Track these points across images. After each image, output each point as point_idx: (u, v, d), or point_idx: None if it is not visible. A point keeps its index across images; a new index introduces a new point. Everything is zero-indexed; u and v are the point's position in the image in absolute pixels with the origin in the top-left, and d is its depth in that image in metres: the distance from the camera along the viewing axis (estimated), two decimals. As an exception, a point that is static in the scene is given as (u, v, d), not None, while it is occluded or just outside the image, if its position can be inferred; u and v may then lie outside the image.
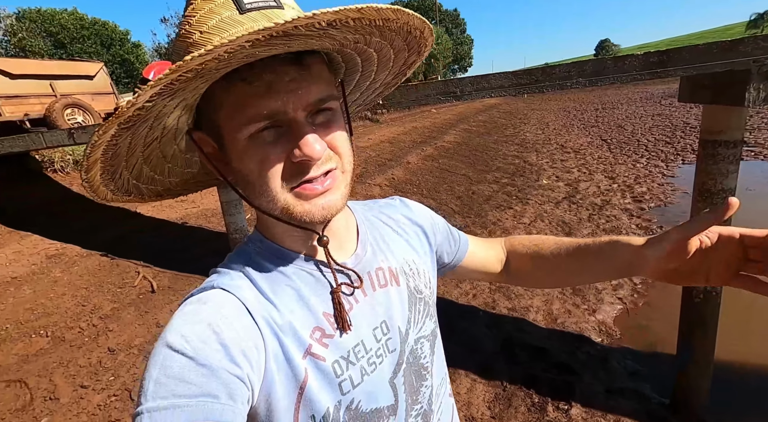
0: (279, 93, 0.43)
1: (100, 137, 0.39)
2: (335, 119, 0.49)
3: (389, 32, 0.46)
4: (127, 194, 0.54)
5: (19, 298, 3.20)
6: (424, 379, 0.62)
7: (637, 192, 6.09)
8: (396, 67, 0.59)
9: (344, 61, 0.54)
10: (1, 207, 4.65)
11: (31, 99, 5.65)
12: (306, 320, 0.50)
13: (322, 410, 0.49)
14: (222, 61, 0.36)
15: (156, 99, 0.37)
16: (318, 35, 0.39)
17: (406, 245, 0.68)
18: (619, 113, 16.40)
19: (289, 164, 0.45)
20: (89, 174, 0.44)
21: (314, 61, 0.46)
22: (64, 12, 26.41)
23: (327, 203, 0.48)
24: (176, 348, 0.41)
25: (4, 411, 2.29)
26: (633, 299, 3.44)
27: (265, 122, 0.44)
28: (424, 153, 8.94)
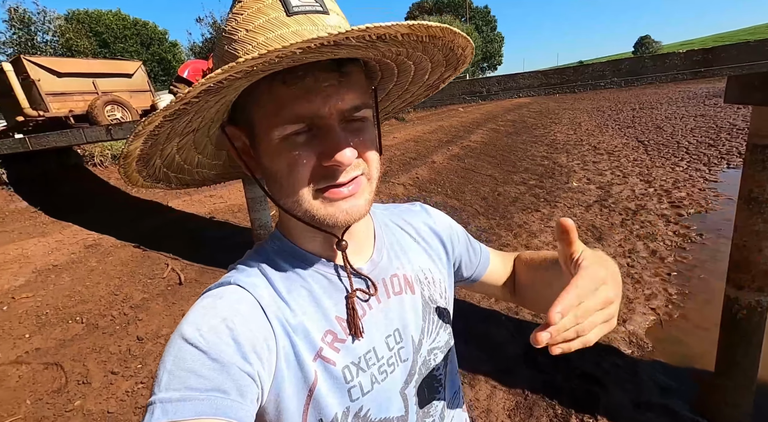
0: (316, 97, 0.44)
1: (144, 128, 0.40)
2: (367, 127, 0.50)
3: (432, 48, 0.46)
4: (157, 181, 0.55)
5: (59, 285, 3.39)
6: (436, 392, 0.61)
7: (676, 197, 5.77)
8: (430, 81, 0.59)
9: (381, 69, 0.55)
10: (46, 199, 4.94)
11: (75, 96, 5.96)
12: (318, 322, 0.51)
13: (330, 415, 0.49)
14: (272, 65, 0.37)
15: (203, 96, 0.39)
16: (365, 46, 0.40)
17: (423, 254, 0.67)
18: (658, 113, 15.61)
19: (318, 168, 0.46)
20: (127, 160, 0.46)
21: (354, 69, 0.47)
22: (109, 13, 27.85)
23: (351, 208, 0.48)
24: (191, 340, 0.42)
25: (42, 392, 2.43)
26: (667, 311, 3.26)
27: (299, 125, 0.45)
28: (450, 152, 8.82)
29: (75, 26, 23.13)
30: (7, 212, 4.64)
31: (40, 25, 21.52)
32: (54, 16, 22.01)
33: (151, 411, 0.38)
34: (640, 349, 2.87)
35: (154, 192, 5.69)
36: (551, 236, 4.65)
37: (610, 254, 4.27)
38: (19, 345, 2.74)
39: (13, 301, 3.16)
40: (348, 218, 0.48)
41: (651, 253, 4.19)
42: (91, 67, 6.43)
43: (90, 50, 22.48)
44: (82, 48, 21.82)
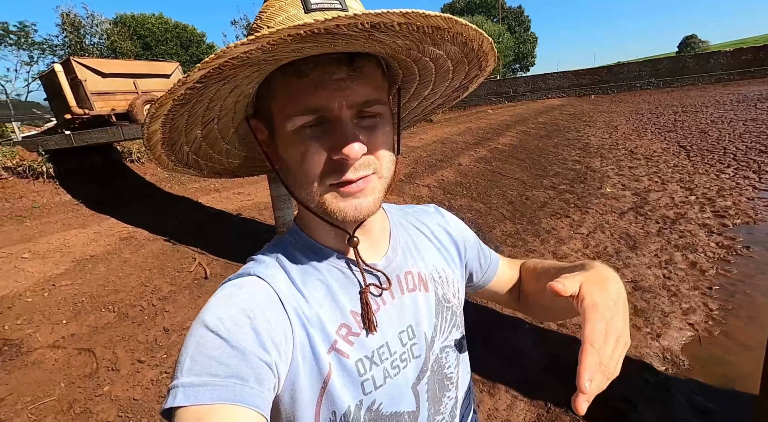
0: (326, 90, 0.45)
1: (157, 110, 0.42)
2: (381, 125, 0.50)
3: (443, 42, 0.45)
4: (187, 167, 0.57)
5: (94, 275, 3.57)
6: (447, 389, 0.62)
7: (720, 206, 5.40)
8: (457, 81, 0.58)
9: (401, 67, 0.54)
10: (88, 193, 5.23)
11: (117, 95, 6.29)
12: (333, 315, 0.52)
13: (344, 407, 0.49)
14: (267, 52, 0.37)
15: (206, 81, 0.39)
16: (364, 37, 0.39)
17: (437, 253, 0.68)
18: (703, 116, 14.72)
19: (328, 161, 0.47)
20: (150, 142, 0.48)
21: (366, 63, 0.47)
22: (152, 17, 29.25)
23: (359, 205, 0.49)
24: (212, 328, 0.43)
25: (75, 376, 2.56)
26: (707, 327, 3.04)
27: (310, 117, 0.46)
28: (477, 155, 8.67)
29: (120, 29, 24.47)
30: (53, 204, 4.94)
31: (88, 29, 22.91)
32: (101, 20, 23.37)
33: (173, 395, 0.40)
34: (675, 366, 2.70)
35: (186, 189, 5.90)
36: (581, 243, 4.46)
37: (644, 264, 4.04)
38: (57, 330, 2.90)
39: (53, 288, 3.35)
40: (357, 215, 0.49)
41: (690, 265, 3.94)
42: (133, 68, 6.77)
43: (133, 52, 23.71)
44: (126, 50, 23.05)
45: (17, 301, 3.15)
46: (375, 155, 0.49)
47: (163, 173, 6.10)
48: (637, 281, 3.64)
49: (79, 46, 22.20)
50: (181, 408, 0.39)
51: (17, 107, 25.45)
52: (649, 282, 3.62)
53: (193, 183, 6.17)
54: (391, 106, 0.56)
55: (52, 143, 5.04)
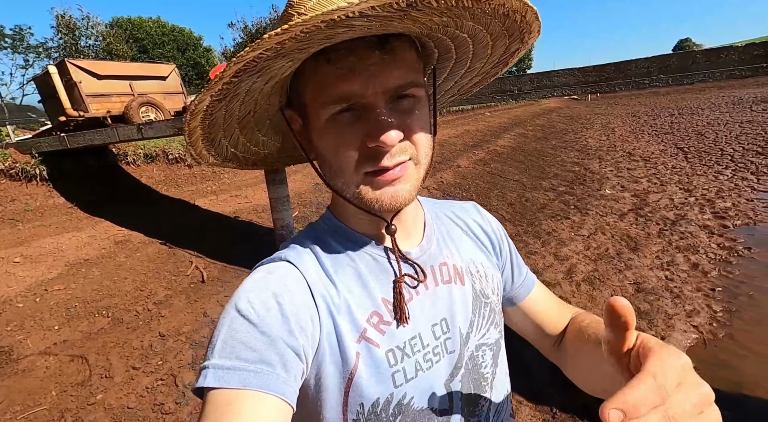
0: (359, 76, 0.43)
1: (196, 107, 0.42)
2: (417, 108, 0.48)
3: (483, 15, 0.41)
4: (227, 161, 0.58)
5: (88, 279, 3.49)
6: (483, 390, 0.58)
7: (720, 207, 5.40)
8: (496, 56, 0.54)
9: (436, 46, 0.52)
10: (82, 195, 5.15)
11: (113, 97, 6.22)
12: (364, 302, 0.51)
13: (372, 398, 0.48)
14: (301, 41, 0.36)
15: (242, 75, 0.39)
16: (399, 17, 0.37)
17: (474, 246, 0.65)
18: (699, 118, 14.80)
19: (364, 149, 0.45)
20: (192, 139, 0.48)
21: (400, 44, 0.45)
22: (150, 20, 29.19)
23: (396, 193, 0.47)
24: (243, 312, 0.44)
25: (67, 383, 2.48)
26: (712, 329, 3.01)
27: (343, 104, 0.45)
28: (476, 157, 8.65)
29: (116, 32, 24.40)
30: (46, 207, 4.85)
31: (84, 31, 22.82)
32: (97, 22, 23.30)
33: (204, 375, 0.41)
34: (680, 370, 2.65)
35: (182, 191, 5.83)
36: (582, 245, 4.43)
37: (646, 265, 4.01)
38: (48, 337, 2.82)
39: (45, 293, 3.27)
40: (393, 203, 0.48)
41: (692, 266, 3.92)
42: (129, 69, 6.70)
43: (129, 55, 23.64)
44: (121, 52, 22.97)
45: (7, 307, 3.07)
46: (412, 140, 0.48)
47: (159, 176, 6.03)
48: (639, 283, 3.61)
49: (74, 48, 22.12)
50: (212, 389, 0.41)
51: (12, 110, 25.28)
52: (651, 284, 3.59)
53: (189, 186, 6.10)
54: (427, 87, 0.53)
55: (45, 144, 4.97)
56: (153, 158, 6.10)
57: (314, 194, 5.82)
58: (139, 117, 6.11)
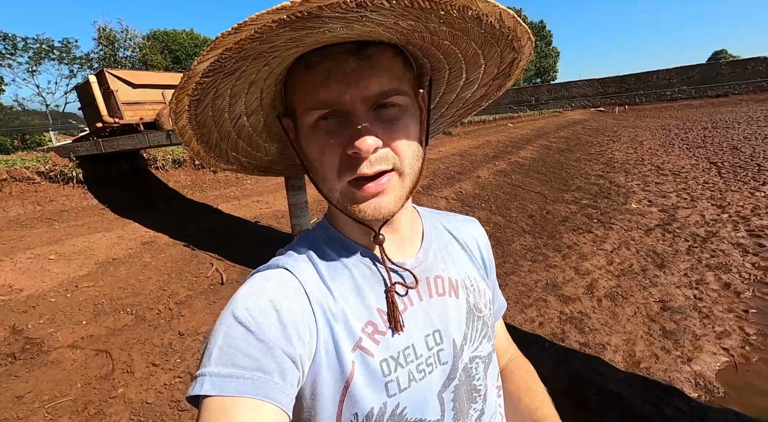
0: (337, 82, 0.43)
1: (177, 106, 0.43)
2: (402, 117, 0.48)
3: (453, 20, 0.40)
4: (229, 164, 0.58)
5: (115, 277, 3.64)
6: (474, 401, 0.58)
7: (756, 225, 5.14)
8: (492, 67, 0.53)
9: (425, 55, 0.51)
10: (113, 198, 5.39)
11: (146, 105, 6.52)
12: (359, 311, 0.50)
13: (366, 408, 0.47)
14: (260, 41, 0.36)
15: (213, 75, 0.39)
16: (355, 19, 0.36)
17: (470, 261, 0.66)
18: (735, 132, 14.20)
19: (344, 156, 0.45)
20: (184, 139, 0.48)
21: (378, 52, 0.45)
22: (183, 32, 30.56)
23: (378, 205, 0.47)
24: (240, 319, 0.44)
25: (91, 376, 2.58)
26: (744, 353, 2.85)
27: (323, 111, 0.45)
28: (496, 168, 8.57)
29: (152, 43, 25.65)
30: (80, 208, 5.11)
31: (122, 43, 24.11)
32: (135, 34, 24.58)
33: (200, 383, 0.41)
34: (708, 394, 2.52)
35: (206, 196, 6.02)
36: (605, 259, 4.30)
37: (673, 283, 3.86)
38: (77, 331, 2.95)
39: (76, 289, 3.43)
40: (376, 214, 0.47)
41: (723, 286, 3.73)
42: (161, 79, 7.02)
43: (163, 65, 24.77)
44: (156, 62, 24.10)
45: (41, 301, 3.23)
46: (394, 149, 0.47)
47: (185, 181, 6.26)
48: (665, 301, 3.47)
49: (113, 58, 23.36)
50: (207, 397, 0.40)
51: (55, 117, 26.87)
52: (678, 302, 3.44)
53: (213, 190, 6.29)
54: (422, 98, 0.54)
55: (82, 149, 5.25)
56: (180, 163, 6.34)
57: (333, 201, 5.89)
58: (169, 124, 6.37)
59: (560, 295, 3.60)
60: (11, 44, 23.65)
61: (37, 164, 5.02)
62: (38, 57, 25.06)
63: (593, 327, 3.10)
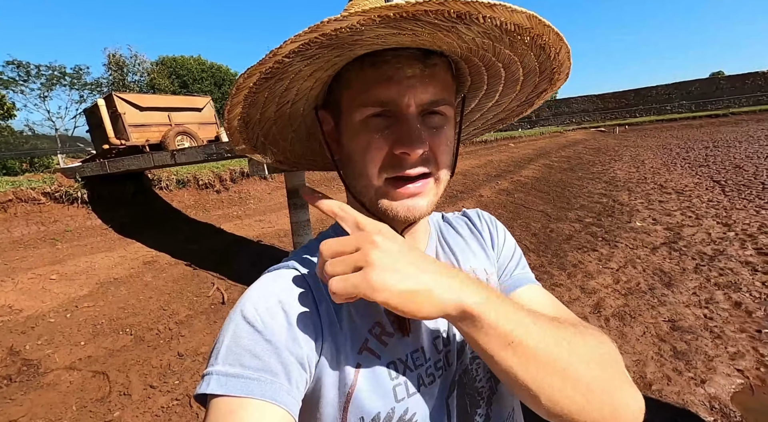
0: (398, 84, 0.45)
1: (244, 81, 0.43)
2: (445, 126, 0.50)
3: (520, 44, 0.44)
4: (255, 149, 0.58)
5: (116, 297, 3.61)
6: (477, 405, 0.56)
7: (763, 243, 5.07)
8: (524, 94, 0.57)
9: (471, 73, 0.54)
10: (117, 217, 5.42)
11: (152, 127, 6.66)
12: (367, 313, 0.50)
13: (372, 413, 0.47)
14: (355, 33, 0.38)
15: (293, 57, 0.40)
16: (447, 28, 0.39)
17: (474, 251, 0.65)
18: (737, 151, 14.25)
19: (389, 155, 0.47)
20: (231, 115, 0.49)
21: (439, 62, 0.48)
22: (191, 58, 31.50)
23: (412, 206, 0.49)
24: (248, 319, 0.44)
25: (87, 399, 2.52)
26: (759, 375, 2.75)
27: (379, 109, 0.47)
28: (499, 187, 8.59)
29: (159, 68, 26.43)
30: (84, 228, 5.13)
31: (131, 67, 24.86)
32: (143, 60, 25.38)
33: (207, 381, 0.41)
34: (725, 418, 2.43)
35: (210, 216, 6.04)
36: (611, 278, 4.23)
37: (682, 302, 3.78)
38: (74, 352, 2.90)
39: (76, 309, 3.40)
40: (408, 215, 0.49)
41: (734, 305, 3.65)
42: (168, 102, 7.20)
43: (170, 89, 25.45)
44: (164, 87, 24.77)
45: (40, 321, 3.20)
46: (435, 156, 0.49)
47: (189, 200, 6.30)
48: (675, 320, 3.38)
49: (122, 83, 24.04)
50: (215, 396, 0.41)
51: (64, 141, 27.45)
52: (688, 322, 3.35)
53: (217, 210, 6.32)
54: (456, 109, 0.56)
55: (88, 170, 5.33)
56: (184, 184, 6.40)
57: (334, 220, 5.89)
58: (175, 145, 6.48)
59: (567, 314, 3.53)
60: (25, 71, 24.48)
61: (43, 185, 5.08)
62: (50, 83, 25.86)
63: (602, 347, 3.02)
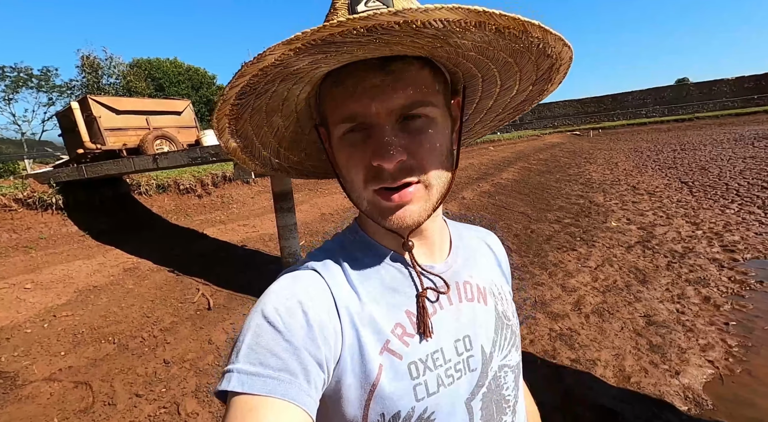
0: (363, 97, 0.45)
1: (217, 124, 0.46)
2: (429, 128, 0.48)
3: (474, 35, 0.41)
4: (274, 170, 0.62)
5: (96, 305, 3.51)
6: (504, 413, 0.57)
7: (728, 241, 5.36)
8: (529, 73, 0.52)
9: (455, 65, 0.51)
10: (94, 224, 5.25)
11: (129, 131, 6.48)
12: (388, 313, 0.51)
13: (393, 411, 0.47)
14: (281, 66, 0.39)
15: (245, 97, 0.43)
16: (370, 41, 0.38)
17: (498, 269, 0.68)
18: (702, 154, 14.97)
19: (369, 167, 0.47)
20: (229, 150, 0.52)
21: (403, 65, 0.46)
22: (167, 61, 30.78)
23: (403, 214, 0.48)
24: (269, 319, 0.45)
25: (69, 410, 2.44)
26: (728, 365, 2.92)
27: (350, 124, 0.47)
28: (480, 189, 8.76)
29: (135, 71, 25.73)
30: (59, 235, 4.95)
31: (106, 70, 24.09)
32: (119, 62, 24.63)
33: (228, 379, 0.42)
34: (698, 407, 2.56)
35: (192, 221, 5.93)
36: (590, 276, 4.39)
37: (656, 298, 3.96)
38: (54, 362, 2.81)
39: (54, 319, 3.28)
40: (400, 223, 0.48)
41: (704, 299, 3.85)
42: (145, 105, 7.03)
43: (146, 92, 24.79)
44: (140, 89, 24.11)
45: (16, 332, 3.08)
46: (420, 161, 0.47)
47: (170, 206, 6.16)
48: (650, 315, 3.55)
49: (96, 86, 23.27)
50: (235, 394, 0.41)
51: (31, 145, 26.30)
52: (662, 317, 3.52)
53: (199, 215, 6.21)
54: (456, 105, 0.55)
55: (63, 175, 5.15)
56: (165, 189, 6.26)
57: (321, 223, 5.89)
58: (154, 149, 6.33)
59: (549, 312, 3.64)
60: (-13, 73, 23.36)
61: (14, 191, 4.88)
62: (15, 85, 24.76)
63: (583, 343, 3.13)
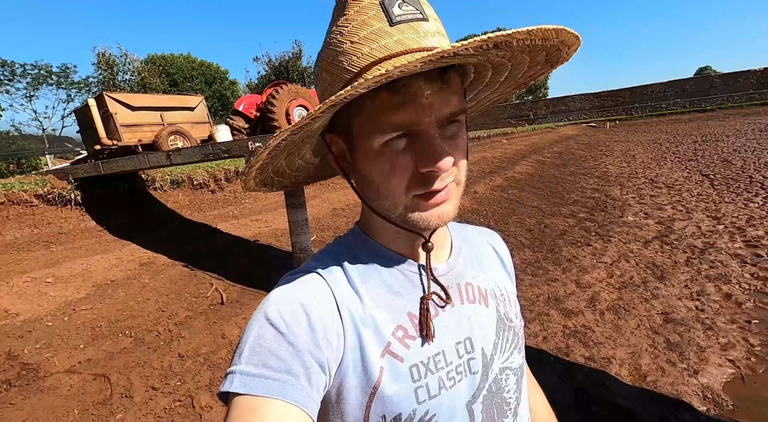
0: (417, 105, 0.44)
1: (274, 140, 0.46)
2: (461, 132, 0.50)
3: (540, 50, 0.45)
4: (264, 186, 0.60)
5: (114, 299, 3.59)
6: (504, 415, 0.57)
7: (752, 236, 5.18)
8: (522, 79, 0.56)
9: (476, 70, 0.53)
10: (111, 219, 5.37)
11: (144, 127, 6.58)
12: (390, 316, 0.51)
13: (394, 413, 0.48)
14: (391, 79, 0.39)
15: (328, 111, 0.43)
16: (479, 55, 0.41)
17: (502, 270, 0.67)
18: (724, 145, 14.49)
19: (415, 174, 0.47)
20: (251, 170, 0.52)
21: (454, 75, 0.47)
22: (180, 56, 31.11)
23: (442, 213, 0.49)
24: (272, 321, 0.45)
25: (89, 402, 2.52)
26: (750, 364, 2.83)
27: (399, 132, 0.46)
28: (493, 183, 8.65)
29: (150, 67, 26.09)
30: (78, 230, 5.07)
31: (121, 67, 24.49)
32: (134, 58, 25.00)
33: (231, 380, 0.43)
34: (717, 407, 2.49)
35: (205, 216, 6.01)
36: (605, 272, 4.30)
37: (674, 295, 3.86)
38: (74, 355, 2.89)
39: (73, 312, 3.37)
40: (439, 222, 0.49)
41: (725, 296, 3.74)
42: (160, 101, 7.11)
43: (161, 88, 25.14)
44: (154, 85, 24.46)
45: (38, 325, 3.17)
46: (456, 163, 0.49)
47: (183, 201, 6.26)
48: (668, 313, 3.46)
49: (112, 82, 23.68)
50: (237, 395, 0.42)
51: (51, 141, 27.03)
52: (681, 314, 3.43)
53: (212, 210, 6.29)
54: None
55: (81, 171, 5.26)
56: (179, 184, 6.35)
57: (332, 219, 5.90)
58: (168, 145, 6.42)
59: (562, 309, 3.58)
60: (9, 71, 23.98)
61: (35, 187, 5.01)
62: (36, 82, 25.38)
63: (597, 340, 3.08)
